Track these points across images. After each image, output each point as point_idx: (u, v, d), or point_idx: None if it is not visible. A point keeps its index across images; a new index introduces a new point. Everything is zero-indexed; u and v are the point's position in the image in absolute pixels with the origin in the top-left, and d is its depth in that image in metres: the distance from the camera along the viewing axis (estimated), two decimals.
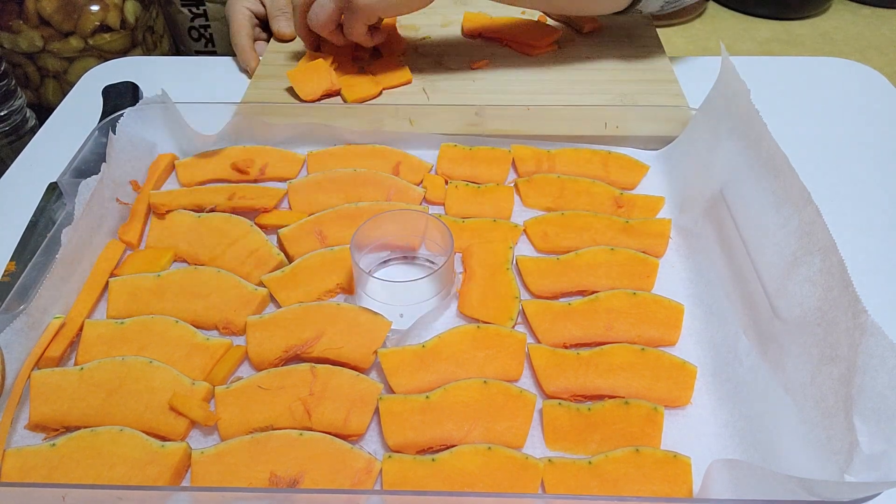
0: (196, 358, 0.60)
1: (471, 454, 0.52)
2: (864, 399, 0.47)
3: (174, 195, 0.74)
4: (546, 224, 0.71)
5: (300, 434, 0.54)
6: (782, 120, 0.78)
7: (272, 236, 0.71)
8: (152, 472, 0.52)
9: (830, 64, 0.99)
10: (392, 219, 0.66)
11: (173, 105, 0.78)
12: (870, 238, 0.71)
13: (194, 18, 1.34)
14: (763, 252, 0.61)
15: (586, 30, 0.98)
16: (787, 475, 0.44)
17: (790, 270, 0.57)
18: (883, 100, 0.91)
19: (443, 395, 0.56)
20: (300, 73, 0.88)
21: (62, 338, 0.61)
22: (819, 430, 0.50)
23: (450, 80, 0.91)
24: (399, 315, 0.62)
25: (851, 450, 0.46)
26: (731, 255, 0.66)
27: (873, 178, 0.79)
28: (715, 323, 0.62)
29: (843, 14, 1.57)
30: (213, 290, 0.64)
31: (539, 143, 0.80)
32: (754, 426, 0.55)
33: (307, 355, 0.59)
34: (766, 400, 0.54)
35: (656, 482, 0.51)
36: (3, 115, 1.02)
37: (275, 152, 0.80)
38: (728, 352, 0.59)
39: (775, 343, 0.57)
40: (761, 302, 0.59)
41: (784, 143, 0.60)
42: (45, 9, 1.18)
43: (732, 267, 0.65)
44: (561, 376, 0.58)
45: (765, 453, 0.53)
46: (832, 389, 0.50)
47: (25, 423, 0.57)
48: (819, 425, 0.50)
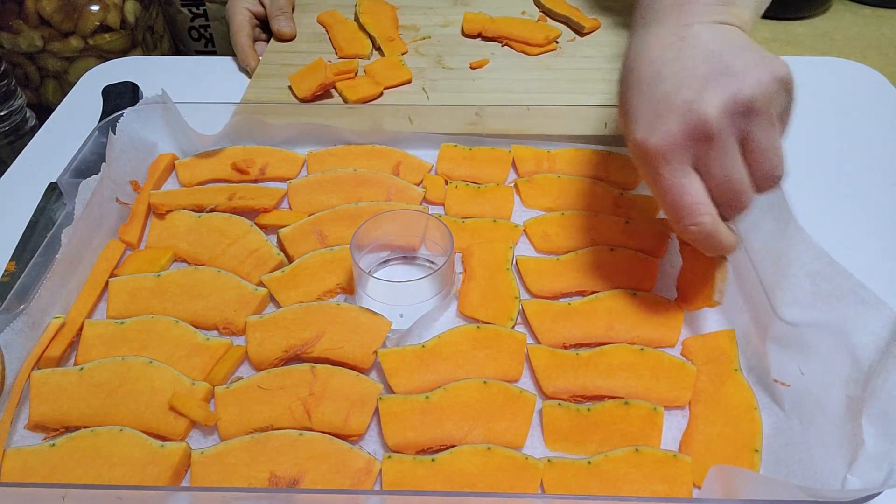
0: (196, 358, 0.60)
1: (470, 454, 0.53)
2: (874, 401, 0.47)
3: (174, 195, 0.74)
4: (546, 224, 0.71)
5: (300, 434, 0.54)
6: None
7: (272, 236, 0.71)
8: (152, 472, 0.52)
9: (830, 64, 0.99)
10: (392, 219, 0.66)
11: (173, 105, 0.78)
12: (870, 238, 0.71)
13: (194, 18, 1.34)
14: (762, 251, 0.61)
15: (586, 30, 0.98)
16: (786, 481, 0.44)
17: (787, 268, 0.57)
18: (883, 100, 0.91)
19: (443, 395, 0.56)
20: (299, 73, 0.89)
21: (62, 338, 0.61)
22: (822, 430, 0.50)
23: (450, 80, 0.91)
24: (399, 315, 0.62)
25: (856, 449, 0.46)
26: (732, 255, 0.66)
27: (873, 178, 0.79)
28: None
29: (843, 14, 1.57)
30: (213, 291, 0.64)
31: (539, 143, 0.80)
32: None
33: (307, 355, 0.59)
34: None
35: (656, 482, 0.51)
36: (3, 115, 1.02)
37: (275, 152, 0.80)
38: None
39: (775, 342, 0.57)
40: (761, 301, 0.59)
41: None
42: (45, 9, 1.18)
43: (733, 266, 0.65)
44: (560, 377, 0.58)
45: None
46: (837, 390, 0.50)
47: (25, 422, 0.57)
48: (821, 426, 0.50)
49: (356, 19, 1.01)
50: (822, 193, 0.76)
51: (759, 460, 0.52)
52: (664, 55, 0.55)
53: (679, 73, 0.53)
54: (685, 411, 0.57)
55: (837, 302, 0.53)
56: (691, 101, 0.51)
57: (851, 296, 0.52)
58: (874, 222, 0.73)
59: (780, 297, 0.57)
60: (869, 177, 0.79)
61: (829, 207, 0.74)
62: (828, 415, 0.50)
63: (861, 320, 0.51)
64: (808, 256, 0.55)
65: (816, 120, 0.88)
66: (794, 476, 0.50)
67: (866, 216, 0.74)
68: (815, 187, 0.77)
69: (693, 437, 0.54)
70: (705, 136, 0.51)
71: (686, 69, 0.52)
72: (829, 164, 0.81)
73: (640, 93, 0.55)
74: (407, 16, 1.03)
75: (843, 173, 0.80)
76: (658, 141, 0.52)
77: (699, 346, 0.60)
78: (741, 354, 0.58)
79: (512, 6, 1.04)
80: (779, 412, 0.55)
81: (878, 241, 0.71)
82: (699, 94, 0.50)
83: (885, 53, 1.44)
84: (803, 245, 0.56)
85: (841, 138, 0.85)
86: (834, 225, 0.71)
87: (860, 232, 0.72)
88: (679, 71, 0.53)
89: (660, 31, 0.56)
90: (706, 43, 0.53)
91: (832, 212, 0.74)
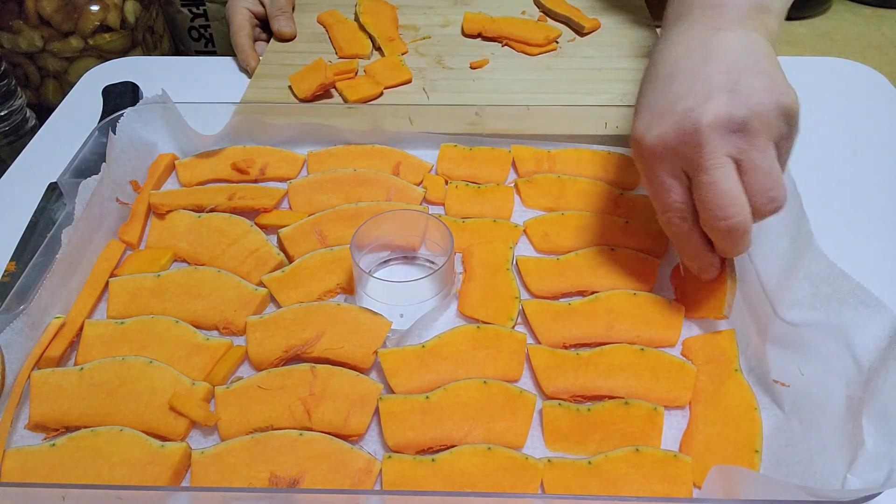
0: (196, 358, 0.60)
1: (471, 454, 0.53)
2: (874, 401, 0.47)
3: (174, 195, 0.74)
4: (546, 224, 0.71)
5: (300, 434, 0.54)
6: None
7: (272, 236, 0.71)
8: (152, 472, 0.52)
9: (830, 64, 0.99)
10: (392, 219, 0.66)
11: (173, 105, 0.78)
12: (870, 238, 0.71)
13: (194, 18, 1.34)
14: (763, 251, 0.61)
15: (586, 30, 0.98)
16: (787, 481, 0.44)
17: (790, 272, 0.57)
18: (883, 100, 0.91)
19: (443, 395, 0.56)
20: (299, 73, 0.89)
21: (62, 338, 0.61)
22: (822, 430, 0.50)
23: (450, 80, 0.91)
24: (399, 315, 0.62)
25: (856, 449, 0.46)
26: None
27: (873, 177, 0.79)
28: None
29: (843, 14, 1.57)
30: (214, 291, 0.64)
31: (539, 143, 0.80)
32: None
33: (307, 355, 0.59)
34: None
35: (656, 482, 0.51)
36: (3, 115, 1.02)
37: (275, 152, 0.80)
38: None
39: (775, 342, 0.57)
40: (761, 302, 0.59)
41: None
42: (45, 9, 1.18)
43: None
44: (560, 377, 0.58)
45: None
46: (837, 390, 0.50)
47: (25, 422, 0.57)
48: (821, 426, 0.50)
49: (356, 19, 1.01)
50: (821, 193, 0.76)
51: (759, 460, 0.52)
52: (686, 57, 0.56)
53: (692, 78, 0.54)
54: (685, 411, 0.57)
55: (837, 304, 0.53)
56: (691, 108, 0.52)
57: (851, 297, 0.52)
58: (874, 222, 0.73)
59: (780, 299, 0.57)
60: (869, 177, 0.79)
61: (829, 207, 0.74)
62: (828, 415, 0.50)
63: (861, 321, 0.51)
64: (808, 259, 0.56)
65: (816, 120, 0.87)
66: (794, 476, 0.50)
67: (866, 216, 0.74)
68: (815, 187, 0.77)
69: (693, 437, 0.54)
70: (695, 144, 0.52)
71: (699, 77, 0.54)
72: (829, 165, 0.81)
73: (653, 89, 0.57)
74: (407, 16, 1.04)
75: (843, 173, 0.80)
76: (652, 139, 0.55)
77: (699, 346, 0.60)
78: (741, 355, 0.58)
79: (512, 6, 1.04)
80: (779, 412, 0.55)
81: (878, 242, 0.71)
82: (701, 104, 0.52)
83: (885, 53, 1.43)
84: (802, 246, 0.56)
85: (841, 138, 0.85)
86: (834, 225, 0.71)
87: (860, 232, 0.72)
88: (693, 77, 0.54)
89: (690, 30, 0.58)
90: (729, 54, 0.54)
91: (832, 212, 0.74)
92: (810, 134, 0.85)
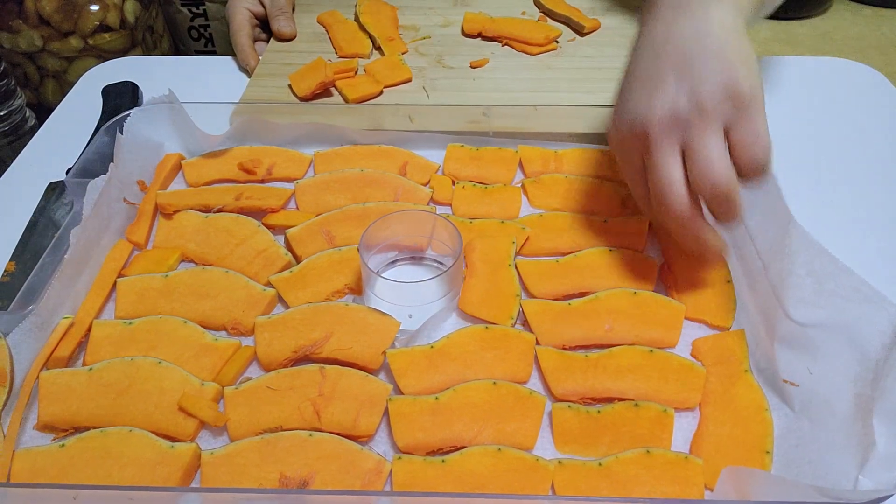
0: (205, 358, 0.60)
1: (481, 455, 0.52)
2: (884, 401, 0.47)
3: (181, 195, 0.74)
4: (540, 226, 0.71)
5: (310, 435, 0.54)
6: (783, 120, 0.78)
7: (280, 237, 0.70)
8: (163, 472, 0.52)
9: (830, 64, 0.99)
10: (400, 219, 0.66)
11: (180, 105, 0.78)
12: (869, 238, 0.72)
13: (194, 18, 1.34)
14: (769, 251, 0.61)
15: (586, 30, 0.98)
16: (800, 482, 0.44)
17: (792, 271, 0.57)
18: (883, 100, 0.92)
19: (452, 396, 0.56)
20: (299, 72, 0.89)
21: (71, 338, 0.61)
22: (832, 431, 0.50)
23: (450, 80, 0.91)
24: (408, 316, 0.62)
25: (867, 449, 0.47)
26: (740, 254, 0.66)
27: (873, 177, 0.79)
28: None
29: (843, 14, 1.57)
30: (222, 291, 0.64)
31: (546, 143, 0.80)
32: None
33: (316, 356, 0.59)
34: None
35: (667, 484, 0.51)
36: (3, 115, 1.02)
37: (281, 152, 0.80)
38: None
39: (784, 341, 0.57)
40: (769, 301, 0.59)
41: (784, 143, 0.61)
42: (45, 8, 1.18)
43: (743, 267, 0.65)
44: (569, 379, 0.58)
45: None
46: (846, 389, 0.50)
47: (34, 423, 0.56)
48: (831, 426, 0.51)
49: (356, 19, 1.01)
50: (821, 193, 0.76)
51: (770, 462, 0.52)
52: (642, 54, 0.61)
53: (645, 77, 0.59)
54: (695, 413, 0.57)
55: (841, 300, 0.53)
56: (640, 106, 0.58)
57: (854, 293, 0.52)
58: (873, 222, 0.74)
59: (785, 296, 0.57)
60: (869, 177, 0.79)
61: (829, 207, 0.75)
62: (837, 415, 0.51)
63: (866, 317, 0.51)
64: (809, 255, 0.56)
65: (816, 120, 0.88)
66: (805, 477, 0.50)
67: (866, 216, 0.74)
68: (814, 187, 0.77)
69: (703, 438, 0.54)
70: (644, 139, 0.58)
71: (650, 75, 0.59)
72: (828, 164, 0.81)
73: (619, 88, 0.63)
74: (407, 16, 1.04)
75: (843, 173, 0.80)
76: (614, 138, 0.63)
77: (709, 347, 0.60)
78: (751, 355, 0.59)
79: (512, 6, 1.04)
80: (789, 412, 0.55)
81: (877, 241, 0.71)
82: (647, 102, 0.57)
83: (885, 53, 1.44)
84: (804, 244, 0.56)
85: (841, 138, 0.85)
86: (833, 224, 0.71)
87: (859, 232, 0.72)
88: (646, 76, 0.59)
89: (653, 20, 0.62)
90: (679, 46, 0.58)
91: (832, 211, 0.74)
92: (810, 134, 0.85)
